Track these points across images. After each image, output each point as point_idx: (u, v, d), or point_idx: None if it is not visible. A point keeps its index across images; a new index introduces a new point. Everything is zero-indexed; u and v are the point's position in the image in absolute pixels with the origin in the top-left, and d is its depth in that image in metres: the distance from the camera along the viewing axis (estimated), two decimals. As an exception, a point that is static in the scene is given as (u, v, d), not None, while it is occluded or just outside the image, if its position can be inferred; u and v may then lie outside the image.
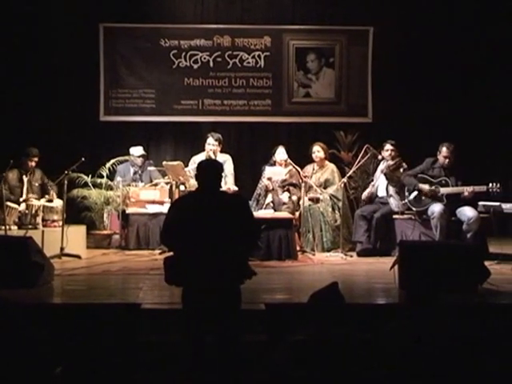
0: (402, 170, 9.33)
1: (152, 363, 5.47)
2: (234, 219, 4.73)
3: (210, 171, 4.90)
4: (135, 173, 10.15)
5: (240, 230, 4.70)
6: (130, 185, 9.86)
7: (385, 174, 9.32)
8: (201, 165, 5.00)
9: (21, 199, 8.98)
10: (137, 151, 10.14)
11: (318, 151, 9.79)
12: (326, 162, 9.92)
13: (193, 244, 4.64)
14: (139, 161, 10.14)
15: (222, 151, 9.84)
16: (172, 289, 5.13)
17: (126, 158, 10.19)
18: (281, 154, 9.69)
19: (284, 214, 9.22)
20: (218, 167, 4.99)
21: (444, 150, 8.84)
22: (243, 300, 4.79)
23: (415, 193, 8.89)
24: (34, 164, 9.23)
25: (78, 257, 8.62)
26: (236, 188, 9.63)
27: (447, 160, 8.83)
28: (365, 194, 9.58)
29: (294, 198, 9.59)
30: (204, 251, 4.61)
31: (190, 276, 4.64)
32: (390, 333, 4.11)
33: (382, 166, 9.47)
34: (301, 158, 10.04)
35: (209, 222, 4.64)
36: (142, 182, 10.05)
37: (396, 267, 6.79)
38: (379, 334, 4.13)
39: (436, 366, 3.89)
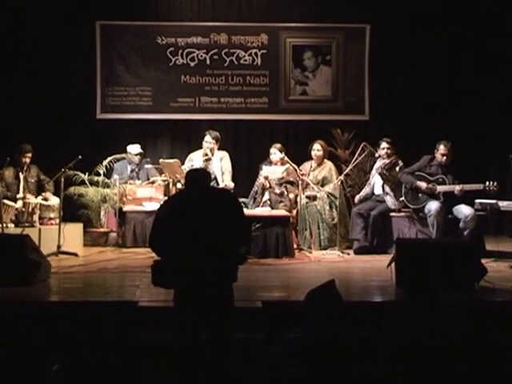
0: (397, 168, 9.33)
1: (149, 361, 5.47)
2: (225, 214, 4.74)
3: (197, 180, 4.95)
4: (132, 170, 10.13)
5: (230, 225, 4.71)
6: (126, 182, 9.86)
7: (380, 174, 9.32)
8: (188, 174, 5.07)
9: (18, 196, 8.97)
10: (134, 149, 10.12)
11: (317, 150, 9.74)
12: (325, 160, 9.89)
13: (184, 243, 4.64)
14: (136, 158, 10.12)
15: (218, 148, 9.83)
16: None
17: (123, 155, 10.17)
18: (273, 154, 9.66)
19: (281, 212, 9.21)
20: (206, 176, 5.05)
21: (441, 148, 8.85)
22: (240, 297, 4.80)
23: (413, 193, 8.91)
24: (27, 160, 9.19)
25: (75, 255, 8.60)
26: (233, 185, 9.62)
27: (444, 158, 8.84)
28: (357, 198, 9.56)
29: (291, 195, 9.57)
30: (196, 250, 4.62)
31: (183, 276, 4.64)
32: (388, 331, 4.11)
33: (378, 163, 9.47)
34: (298, 155, 10.03)
35: (199, 220, 4.65)
36: (138, 179, 10.04)
37: (393, 265, 6.81)
38: (376, 331, 4.13)
39: (433, 364, 3.89)
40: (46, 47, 10.84)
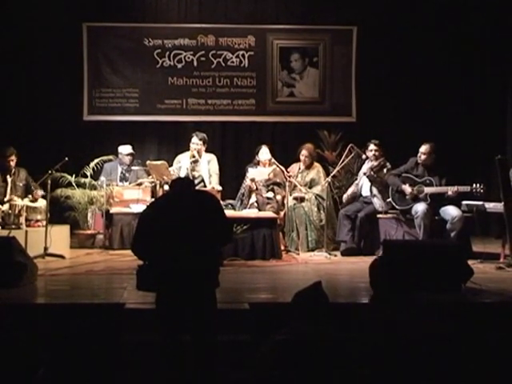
0: (385, 170, 9.34)
1: (136, 363, 5.46)
2: (205, 215, 4.77)
3: (181, 184, 5.05)
4: (123, 171, 10.12)
5: (211, 225, 4.74)
6: (110, 184, 9.81)
7: (368, 177, 9.33)
8: (173, 181, 5.17)
9: (5, 199, 8.92)
10: (125, 149, 10.12)
11: (305, 156, 9.75)
12: (314, 163, 9.91)
13: (167, 245, 4.66)
14: (127, 159, 10.11)
15: (206, 151, 9.83)
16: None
17: (110, 157, 10.16)
18: (264, 153, 9.67)
19: (268, 214, 9.20)
20: (189, 181, 5.16)
21: (422, 147, 8.89)
22: (227, 299, 4.80)
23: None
24: (12, 163, 9.10)
25: (62, 257, 8.57)
26: (220, 187, 9.62)
27: (424, 157, 8.86)
28: (345, 197, 9.58)
29: (279, 197, 9.57)
30: (178, 251, 4.63)
31: (165, 279, 4.64)
32: (371, 331, 4.12)
33: (366, 165, 9.48)
34: (285, 157, 10.04)
35: (181, 222, 4.68)
36: (126, 181, 10.03)
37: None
38: (361, 332, 4.14)
39: (419, 365, 3.91)
40: (33, 49, 10.80)
